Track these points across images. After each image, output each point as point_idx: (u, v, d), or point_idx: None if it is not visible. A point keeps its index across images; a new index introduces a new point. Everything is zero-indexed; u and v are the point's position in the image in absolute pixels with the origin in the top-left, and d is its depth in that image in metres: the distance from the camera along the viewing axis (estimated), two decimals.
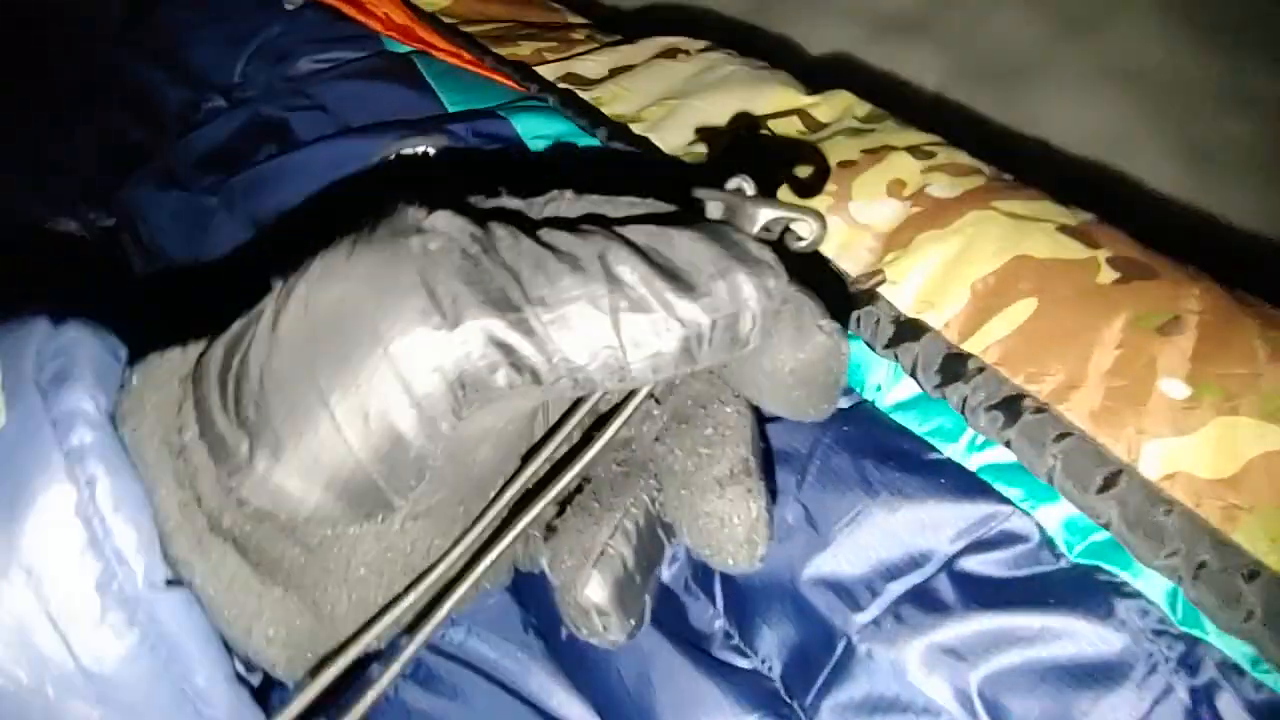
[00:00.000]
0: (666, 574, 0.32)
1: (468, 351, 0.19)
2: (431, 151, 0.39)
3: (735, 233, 0.22)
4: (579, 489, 0.25)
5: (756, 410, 0.25)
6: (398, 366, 0.19)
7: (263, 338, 0.21)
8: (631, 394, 0.23)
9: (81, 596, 0.19)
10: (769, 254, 0.22)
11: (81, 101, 0.59)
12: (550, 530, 0.24)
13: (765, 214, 0.23)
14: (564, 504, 0.24)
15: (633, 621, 0.23)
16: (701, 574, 0.31)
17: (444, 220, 0.21)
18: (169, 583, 0.20)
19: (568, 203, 0.24)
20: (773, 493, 0.29)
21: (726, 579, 0.30)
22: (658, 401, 0.25)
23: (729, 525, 0.22)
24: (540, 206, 0.24)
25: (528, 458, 0.24)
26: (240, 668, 0.22)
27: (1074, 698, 0.24)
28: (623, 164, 0.37)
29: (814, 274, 0.27)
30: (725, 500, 0.22)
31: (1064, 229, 0.31)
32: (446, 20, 0.48)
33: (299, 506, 0.20)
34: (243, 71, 0.51)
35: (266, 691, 0.23)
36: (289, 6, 0.51)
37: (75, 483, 0.19)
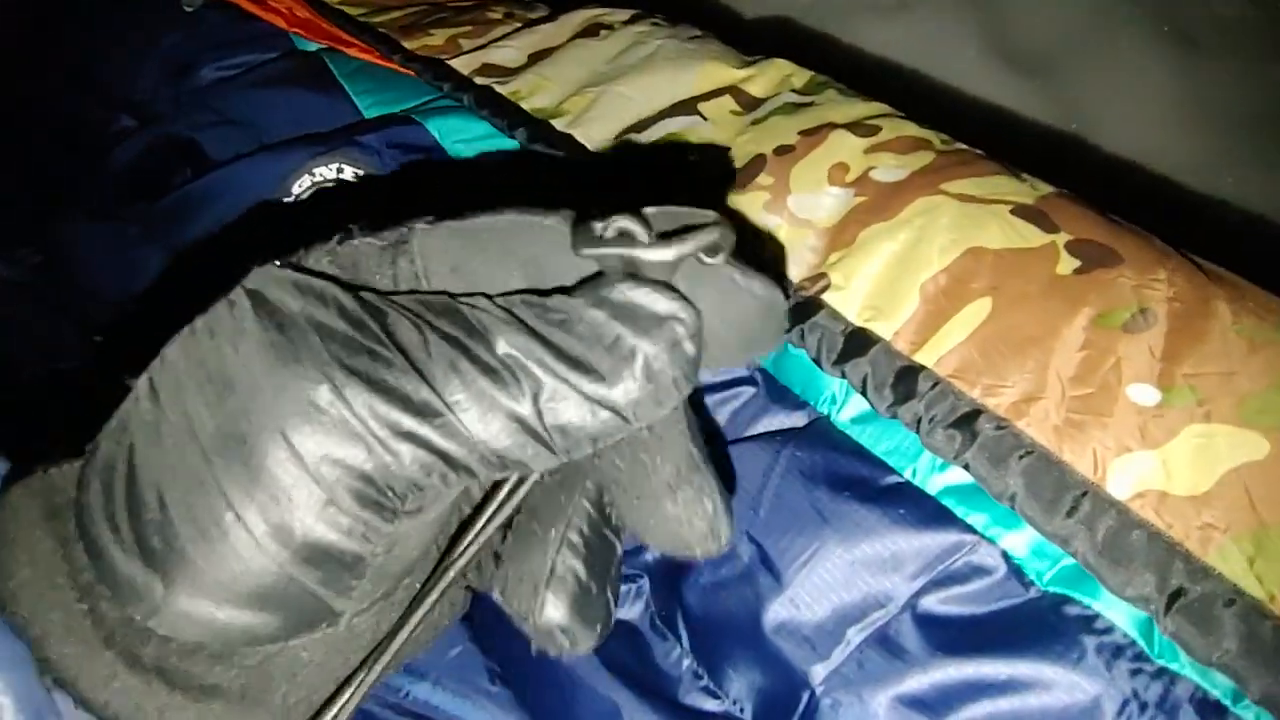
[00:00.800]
0: (630, 613, 0.31)
1: (391, 460, 0.19)
2: (344, 173, 0.36)
3: (634, 288, 0.20)
4: (518, 510, 0.24)
5: None
6: (318, 482, 0.18)
7: (147, 454, 0.19)
8: None
9: None
10: (675, 304, 0.20)
11: (2, 133, 0.56)
12: (497, 559, 0.23)
13: (660, 255, 0.21)
14: (506, 528, 0.24)
15: (598, 628, 0.23)
16: (665, 613, 0.30)
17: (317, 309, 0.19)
18: None
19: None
20: (724, 473, 0.28)
21: (691, 617, 0.29)
22: None
23: (688, 525, 0.22)
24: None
25: (479, 509, 0.22)
26: None
27: None
28: (543, 171, 0.34)
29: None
30: (680, 504, 0.22)
31: (1018, 210, 0.29)
32: (353, 11, 0.45)
33: (230, 632, 0.19)
34: (149, 86, 0.48)
35: None
36: (188, 9, 0.48)
37: None
